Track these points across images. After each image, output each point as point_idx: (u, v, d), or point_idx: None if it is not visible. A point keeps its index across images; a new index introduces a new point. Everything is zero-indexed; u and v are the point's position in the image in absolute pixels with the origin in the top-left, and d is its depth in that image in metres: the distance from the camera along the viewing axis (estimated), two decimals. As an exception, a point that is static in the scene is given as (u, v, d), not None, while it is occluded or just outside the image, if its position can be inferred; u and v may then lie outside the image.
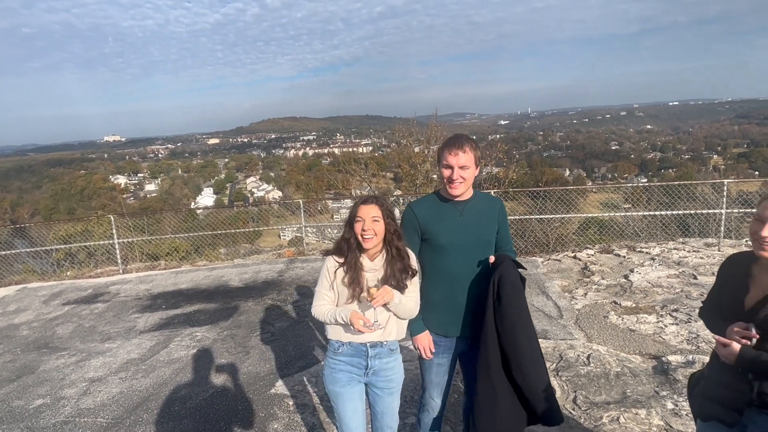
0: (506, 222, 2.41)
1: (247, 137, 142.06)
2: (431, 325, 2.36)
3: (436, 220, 2.27)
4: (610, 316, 4.93)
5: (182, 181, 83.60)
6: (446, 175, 2.20)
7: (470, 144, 2.18)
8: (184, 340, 4.89)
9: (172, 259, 9.46)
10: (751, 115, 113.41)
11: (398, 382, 2.27)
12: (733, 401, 1.64)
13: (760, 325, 1.57)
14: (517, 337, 2.14)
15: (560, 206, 9.22)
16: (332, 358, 2.21)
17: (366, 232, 2.07)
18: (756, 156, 66.80)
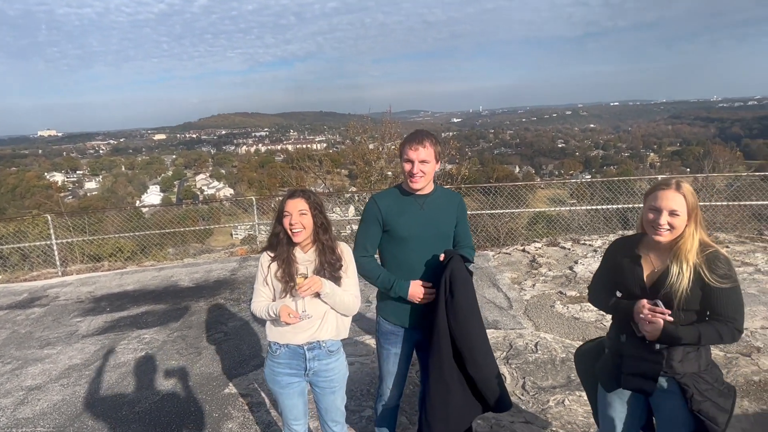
0: (465, 217, 2.49)
1: (195, 133, 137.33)
2: (389, 316, 2.42)
3: (398, 212, 2.32)
4: (556, 305, 5.16)
5: (126, 179, 79.65)
6: (407, 169, 2.25)
7: (430, 139, 2.24)
8: (131, 343, 4.70)
9: (116, 259, 9.03)
10: (683, 115, 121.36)
11: (339, 381, 2.31)
12: (650, 372, 1.83)
13: (662, 299, 1.76)
14: (471, 331, 2.21)
15: (510, 202, 9.55)
16: (271, 360, 2.25)
17: (294, 226, 2.11)
18: (687, 154, 71.40)
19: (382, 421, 2.62)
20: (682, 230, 1.77)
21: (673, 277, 1.75)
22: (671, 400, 1.82)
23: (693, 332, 1.72)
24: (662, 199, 1.77)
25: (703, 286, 1.73)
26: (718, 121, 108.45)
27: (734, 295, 1.73)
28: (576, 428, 3.00)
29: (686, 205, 1.75)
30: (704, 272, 1.72)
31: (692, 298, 1.74)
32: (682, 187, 1.77)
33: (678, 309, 1.76)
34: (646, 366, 1.83)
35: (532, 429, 3.01)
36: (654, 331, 1.75)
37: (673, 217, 1.75)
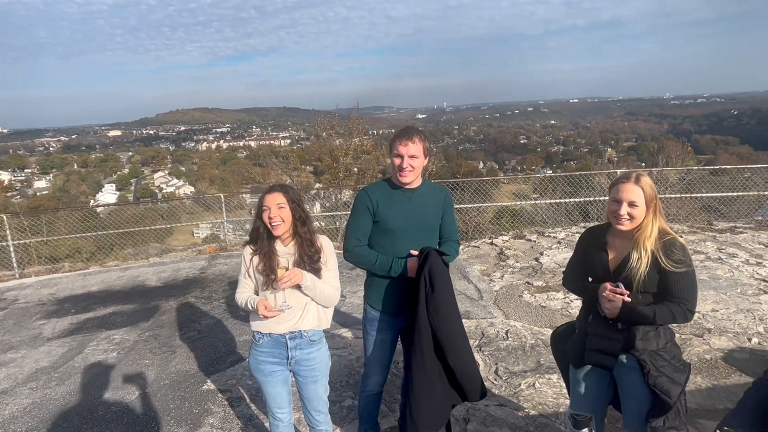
0: (451, 211, 2.59)
1: (153, 129, 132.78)
2: (375, 303, 2.50)
3: (388, 204, 2.41)
4: (524, 295, 5.38)
5: (79, 177, 76.15)
6: (397, 163, 2.34)
7: (419, 136, 2.35)
8: (101, 344, 4.59)
9: (77, 260, 8.72)
10: (638, 112, 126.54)
11: (321, 371, 2.36)
12: (611, 348, 2.01)
13: (623, 282, 1.94)
14: (451, 322, 2.31)
15: (476, 197, 9.79)
16: (255, 349, 2.32)
17: (273, 219, 2.16)
18: (643, 149, 74.44)
19: (366, 407, 2.70)
20: (641, 220, 1.93)
21: (632, 262, 1.93)
22: (631, 376, 2.00)
23: (649, 311, 1.90)
24: (623, 192, 1.93)
25: (659, 270, 1.91)
26: (671, 117, 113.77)
27: (688, 279, 1.91)
28: (546, 408, 3.17)
29: (644, 196, 1.92)
30: (661, 258, 1.89)
31: (649, 281, 1.91)
32: (640, 180, 1.94)
33: (636, 291, 1.93)
34: (608, 343, 2.01)
35: (505, 411, 3.16)
36: (613, 309, 1.93)
37: (633, 207, 1.92)
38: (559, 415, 3.09)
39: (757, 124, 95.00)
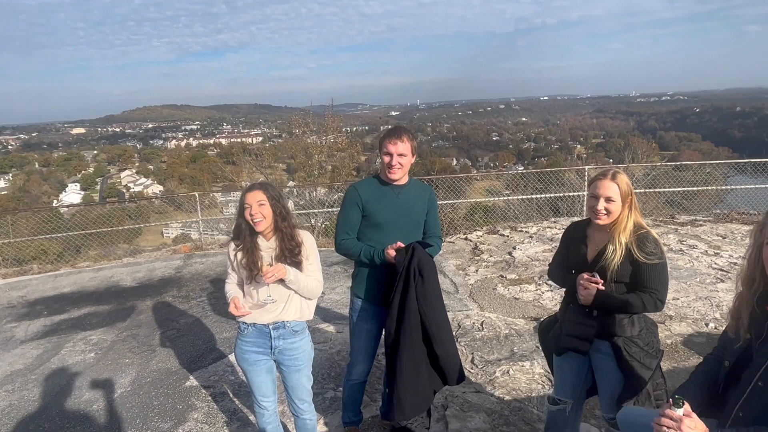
0: (435, 208, 2.73)
1: (119, 126, 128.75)
2: (362, 293, 2.61)
3: (376, 200, 2.52)
4: (498, 288, 5.57)
5: (41, 177, 73.23)
6: (386, 161, 2.46)
7: (408, 135, 2.47)
8: (77, 345, 4.54)
9: (46, 262, 8.49)
10: (606, 109, 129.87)
11: (304, 361, 2.45)
12: (585, 334, 2.16)
13: (598, 272, 2.09)
14: (438, 311, 2.45)
15: (450, 193, 9.99)
16: (240, 339, 2.41)
17: (255, 216, 2.24)
18: (610, 146, 76.51)
19: (350, 396, 2.79)
20: (618, 214, 2.09)
21: (608, 254, 2.07)
22: (606, 361, 2.16)
23: (621, 300, 2.06)
24: (600, 188, 2.09)
25: (632, 261, 2.05)
26: (637, 114, 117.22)
27: (658, 270, 2.06)
28: (520, 393, 3.34)
29: (620, 192, 2.07)
30: (634, 250, 2.04)
31: (623, 271, 2.06)
32: (617, 177, 2.09)
33: (611, 281, 2.08)
34: (583, 329, 2.16)
35: (481, 397, 3.31)
36: (588, 297, 2.09)
37: (609, 203, 2.07)
38: (532, 399, 3.27)
39: (717, 121, 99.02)
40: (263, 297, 2.30)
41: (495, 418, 3.08)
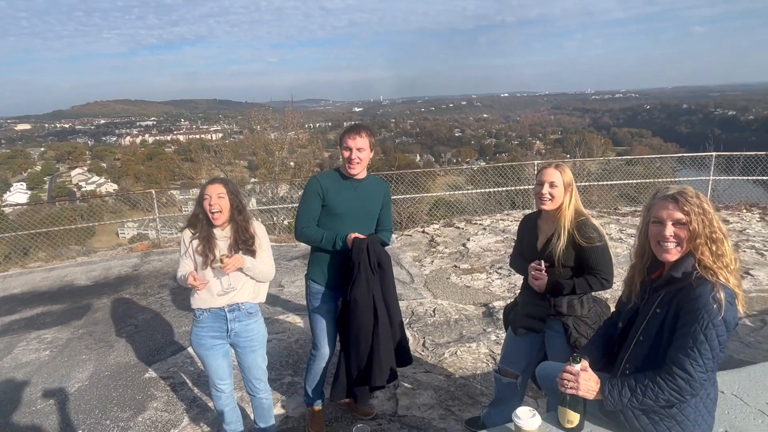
0: (389, 204, 2.93)
1: (68, 122, 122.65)
2: (320, 278, 2.77)
3: (336, 191, 2.68)
4: (451, 277, 5.85)
5: (-19, 176, 69.10)
6: (345, 156, 2.63)
7: (366, 131, 2.66)
8: (31, 344, 4.50)
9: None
10: (563, 106, 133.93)
11: (259, 341, 2.61)
12: (539, 314, 2.41)
13: (546, 259, 2.33)
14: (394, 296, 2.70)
15: (412, 188, 10.26)
16: (196, 325, 2.52)
17: (213, 207, 2.39)
18: (567, 141, 78.90)
19: (314, 375, 2.91)
20: (561, 200, 2.31)
21: (553, 241, 2.31)
22: (558, 338, 2.39)
23: (569, 283, 2.29)
24: (544, 175, 2.33)
25: (575, 246, 2.28)
26: (592, 111, 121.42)
27: (601, 253, 2.28)
28: (466, 371, 3.60)
29: (563, 180, 2.30)
30: (576, 236, 2.27)
31: (568, 256, 2.30)
32: (560, 166, 2.35)
33: (558, 265, 2.31)
34: (536, 310, 2.42)
35: (430, 376, 3.56)
36: (540, 285, 2.32)
37: (553, 188, 2.29)
38: (476, 376, 3.53)
39: (666, 118, 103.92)
40: (225, 286, 2.46)
41: (442, 394, 3.32)
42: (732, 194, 9.98)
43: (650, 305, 1.70)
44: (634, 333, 1.73)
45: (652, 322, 1.67)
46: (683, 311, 1.58)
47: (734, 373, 2.09)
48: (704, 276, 1.58)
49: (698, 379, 1.55)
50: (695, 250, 1.60)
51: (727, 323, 1.54)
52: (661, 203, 1.65)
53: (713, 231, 1.59)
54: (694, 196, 1.62)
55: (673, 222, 1.62)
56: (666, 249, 1.64)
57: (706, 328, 1.52)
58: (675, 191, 1.64)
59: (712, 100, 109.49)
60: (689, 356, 1.54)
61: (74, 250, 10.20)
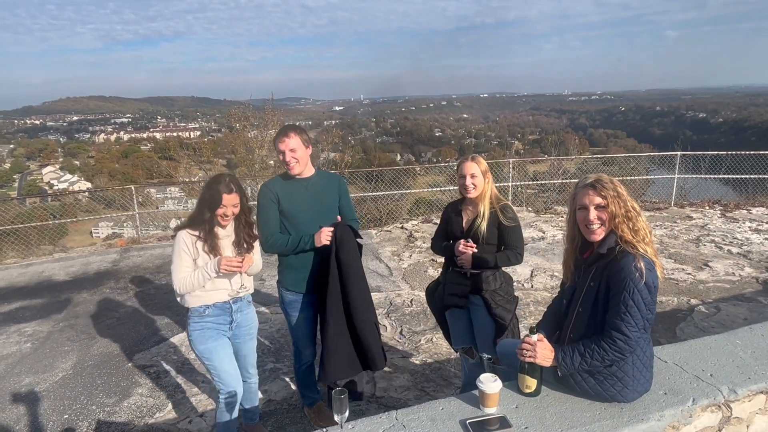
0: (347, 195, 2.93)
1: (39, 119, 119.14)
2: (291, 285, 2.77)
3: (288, 195, 2.68)
4: (428, 270, 6.04)
5: (-53, 173, 66.70)
6: (281, 159, 2.64)
7: (295, 131, 2.61)
8: (11, 337, 4.52)
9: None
10: (542, 107, 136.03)
11: (256, 328, 2.73)
12: (462, 291, 2.70)
13: (472, 238, 2.62)
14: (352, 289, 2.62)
15: (392, 186, 10.47)
16: (198, 321, 2.44)
17: (227, 217, 2.38)
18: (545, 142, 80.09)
19: (305, 378, 2.99)
20: (482, 188, 2.61)
21: (478, 221, 2.61)
22: (480, 311, 2.69)
23: (491, 258, 2.60)
24: (464, 169, 2.61)
25: (498, 225, 2.60)
26: (569, 112, 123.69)
27: (518, 231, 2.65)
28: (440, 356, 3.80)
29: (480, 169, 2.59)
30: (500, 215, 2.60)
31: (490, 235, 2.61)
32: (476, 158, 2.63)
33: (482, 243, 2.61)
34: (460, 288, 2.71)
35: (407, 361, 3.74)
36: (467, 260, 2.60)
37: (474, 178, 2.59)
38: (450, 361, 3.73)
39: (640, 119, 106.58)
40: (236, 287, 2.49)
41: (417, 376, 3.51)
42: (698, 192, 10.45)
43: (585, 280, 1.93)
44: (574, 305, 1.95)
45: (588, 295, 1.90)
46: (612, 282, 1.81)
47: (676, 346, 2.32)
48: (626, 249, 1.82)
49: (633, 338, 1.79)
50: (616, 228, 1.84)
51: (649, 287, 1.78)
52: (583, 191, 1.89)
53: (628, 210, 1.83)
54: (609, 182, 1.86)
55: (595, 206, 1.85)
56: (592, 230, 1.88)
57: (633, 293, 1.76)
58: (593, 179, 1.89)
59: (684, 102, 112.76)
60: (623, 320, 1.78)
61: (47, 250, 10.01)
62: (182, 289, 2.39)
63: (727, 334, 2.45)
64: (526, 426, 1.76)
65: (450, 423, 1.78)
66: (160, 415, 3.17)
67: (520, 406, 1.88)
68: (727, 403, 1.95)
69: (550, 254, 6.44)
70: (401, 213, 11.53)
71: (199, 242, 2.38)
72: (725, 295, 4.92)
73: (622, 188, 1.86)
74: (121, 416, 3.17)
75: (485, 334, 2.67)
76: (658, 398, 1.91)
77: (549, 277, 5.54)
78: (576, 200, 1.92)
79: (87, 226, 22.28)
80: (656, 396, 1.92)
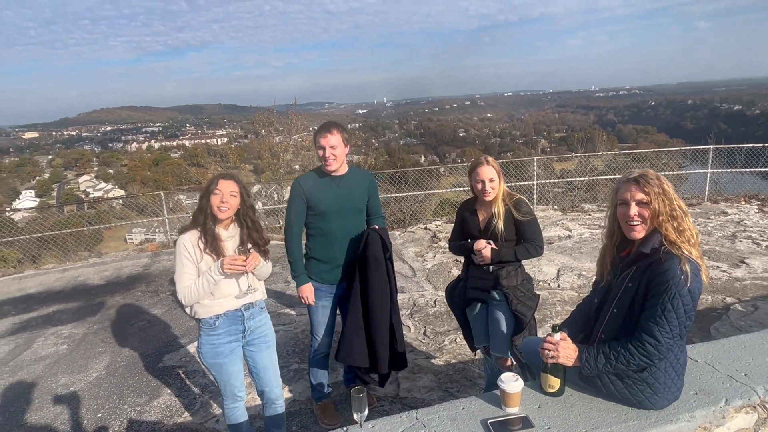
0: (376, 193, 3.00)
1: (75, 130, 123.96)
2: (315, 275, 2.87)
3: (318, 191, 2.76)
4: (452, 270, 6.00)
5: (-9, 184, 69.90)
6: (320, 154, 2.70)
7: (337, 128, 2.71)
8: (49, 339, 4.71)
9: (8, 266, 8.45)
10: (567, 104, 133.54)
11: (272, 336, 2.54)
12: (484, 285, 2.68)
13: (490, 237, 2.61)
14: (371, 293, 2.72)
15: (416, 188, 10.48)
16: (209, 335, 2.33)
17: (223, 204, 2.24)
18: (572, 139, 78.62)
19: (316, 366, 3.05)
20: (498, 189, 2.59)
21: (495, 221, 2.59)
22: (500, 306, 2.66)
23: (511, 252, 2.59)
24: (482, 173, 2.57)
25: (514, 221, 2.59)
26: (596, 109, 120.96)
27: (534, 224, 2.63)
28: (464, 357, 3.76)
29: (496, 172, 2.58)
30: (513, 212, 2.58)
31: (508, 232, 2.60)
32: (490, 161, 2.60)
33: (502, 240, 2.59)
34: (482, 282, 2.70)
35: (430, 362, 3.72)
36: (486, 257, 2.59)
37: (492, 182, 2.57)
38: (475, 361, 3.68)
39: (671, 114, 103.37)
40: (244, 288, 2.38)
41: (441, 377, 3.48)
42: (733, 187, 10.05)
43: (622, 280, 1.85)
44: (608, 306, 1.87)
45: (625, 295, 1.82)
46: (653, 284, 1.72)
47: (708, 345, 2.24)
48: (671, 251, 1.72)
49: (665, 344, 1.69)
50: (659, 227, 1.75)
51: (692, 293, 1.69)
52: (625, 186, 1.81)
53: (673, 209, 1.74)
54: (654, 178, 1.77)
55: (636, 202, 1.77)
56: (632, 228, 1.80)
57: (673, 298, 1.67)
58: (637, 174, 1.80)
59: (717, 95, 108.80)
60: (657, 324, 1.69)
61: (83, 256, 10.40)
62: (187, 299, 2.26)
63: (763, 332, 2.35)
64: (549, 426, 1.73)
65: (471, 423, 1.76)
66: (188, 415, 3.24)
67: (543, 406, 1.85)
68: (763, 404, 1.87)
69: (577, 253, 6.31)
70: (425, 214, 11.50)
71: (200, 243, 2.26)
72: (764, 293, 4.71)
73: (668, 185, 1.76)
74: (151, 415, 3.26)
75: (503, 330, 2.64)
76: (688, 398, 1.84)
77: (576, 276, 5.43)
78: (618, 195, 1.84)
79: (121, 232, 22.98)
80: (686, 396, 1.85)
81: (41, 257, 9.12)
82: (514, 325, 2.61)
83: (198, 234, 2.28)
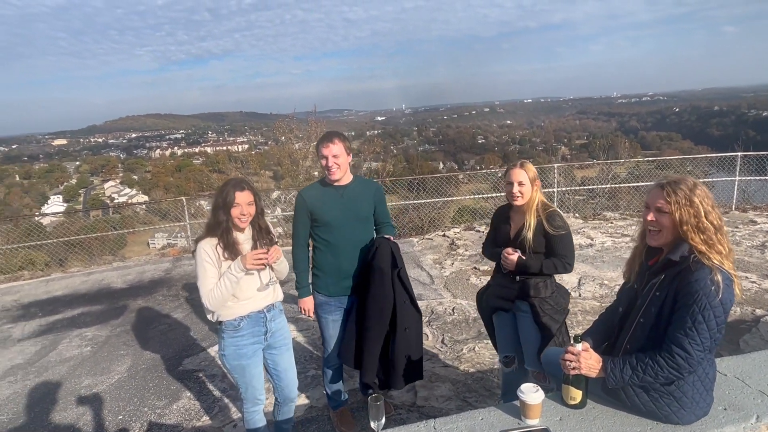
0: (383, 201, 2.94)
1: (102, 137, 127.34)
2: (323, 288, 2.84)
3: (321, 202, 2.73)
4: (471, 278, 5.94)
5: (21, 189, 72.06)
6: (323, 164, 2.67)
7: (338, 137, 2.66)
8: (73, 341, 4.81)
9: (36, 269, 8.69)
10: (588, 111, 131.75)
11: (290, 338, 2.60)
12: (509, 295, 2.65)
13: (518, 246, 2.55)
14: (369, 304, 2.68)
15: (434, 195, 10.44)
16: (233, 336, 2.36)
17: (243, 216, 2.30)
18: (593, 146, 77.53)
19: (330, 377, 3.03)
20: (530, 196, 2.52)
21: (524, 230, 2.53)
22: (527, 318, 2.61)
23: (537, 264, 2.52)
24: (512, 175, 2.54)
25: (545, 234, 2.51)
26: (618, 115, 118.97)
27: (566, 240, 2.52)
28: (483, 366, 3.71)
29: (528, 177, 2.51)
30: (545, 224, 2.50)
31: (537, 243, 2.52)
32: (525, 165, 2.55)
33: (530, 251, 2.53)
34: (507, 291, 2.66)
35: (448, 370, 3.67)
36: (511, 264, 2.54)
37: (521, 186, 2.51)
38: (494, 371, 3.63)
39: (696, 120, 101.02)
40: (266, 280, 2.41)
41: (459, 386, 3.44)
42: (763, 195, 9.76)
43: (650, 289, 1.79)
44: (635, 315, 1.82)
45: (652, 304, 1.75)
46: (682, 293, 1.65)
47: (738, 359, 2.16)
48: (701, 260, 1.65)
49: (696, 357, 1.63)
50: (684, 236, 1.68)
51: (724, 305, 1.62)
52: (654, 190, 1.76)
53: (700, 221, 1.66)
54: (685, 187, 1.68)
55: (656, 209, 1.73)
56: (649, 233, 1.76)
57: (704, 309, 1.60)
58: (668, 180, 1.73)
59: (745, 100, 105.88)
60: (688, 336, 1.62)
61: (107, 260, 10.65)
62: (212, 303, 2.29)
63: (796, 346, 2.25)
64: (570, 439, 1.69)
65: (490, 434, 1.73)
66: (207, 419, 3.27)
67: (564, 418, 1.80)
68: (796, 422, 1.79)
69: (599, 261, 6.19)
70: (443, 221, 11.44)
71: (219, 248, 2.30)
72: (796, 306, 4.54)
73: (701, 197, 1.67)
74: (171, 418, 3.30)
75: (530, 345, 2.58)
76: (716, 414, 1.78)
77: (598, 286, 5.32)
78: (647, 196, 1.80)
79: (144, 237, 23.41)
80: (715, 411, 1.79)
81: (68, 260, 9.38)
82: (540, 338, 2.56)
83: (216, 240, 2.31)
